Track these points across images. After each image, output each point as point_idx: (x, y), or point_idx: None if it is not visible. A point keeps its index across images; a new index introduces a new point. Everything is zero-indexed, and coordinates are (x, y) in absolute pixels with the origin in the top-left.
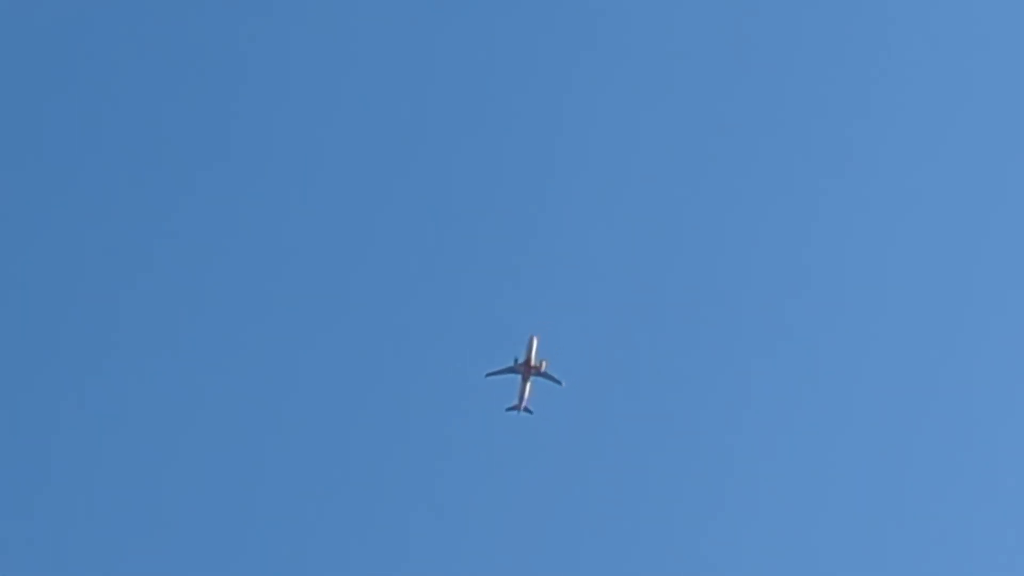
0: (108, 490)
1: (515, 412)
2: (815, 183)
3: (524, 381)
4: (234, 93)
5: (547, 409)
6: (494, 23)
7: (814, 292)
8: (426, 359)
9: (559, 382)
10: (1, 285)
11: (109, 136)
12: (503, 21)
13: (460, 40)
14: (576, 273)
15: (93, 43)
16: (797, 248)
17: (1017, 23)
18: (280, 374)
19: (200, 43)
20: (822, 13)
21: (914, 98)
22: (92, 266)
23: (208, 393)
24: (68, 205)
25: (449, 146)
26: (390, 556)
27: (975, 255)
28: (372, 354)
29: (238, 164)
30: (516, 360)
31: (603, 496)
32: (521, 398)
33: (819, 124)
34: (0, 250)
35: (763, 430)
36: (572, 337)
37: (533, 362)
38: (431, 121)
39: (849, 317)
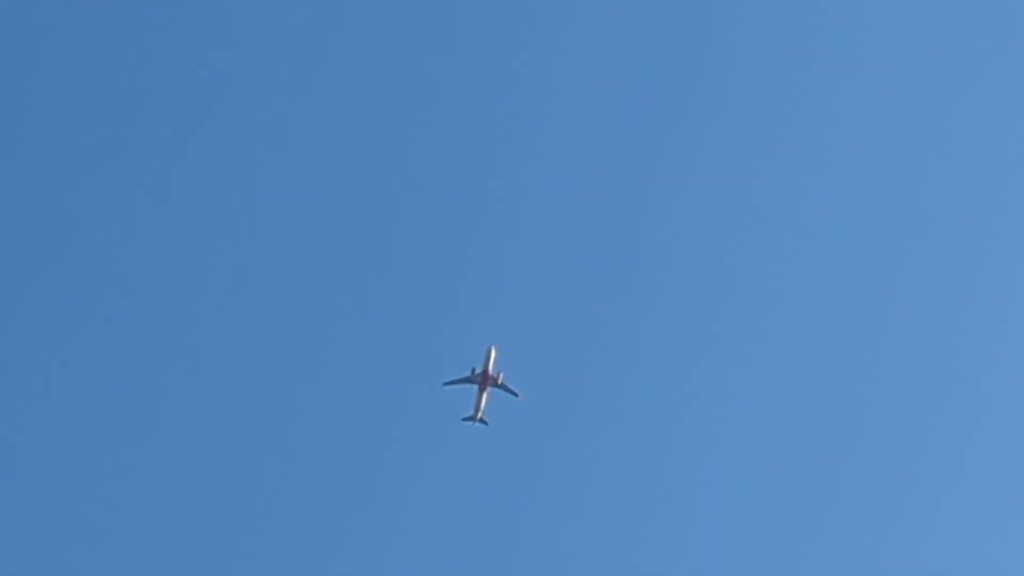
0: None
1: (471, 422)
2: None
3: (481, 392)
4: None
5: (503, 421)
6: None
7: (780, 297)
8: (384, 366)
9: (516, 394)
10: None
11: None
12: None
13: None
14: (537, 286)
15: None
16: (759, 253)
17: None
18: (237, 378)
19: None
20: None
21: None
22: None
23: (141, 401)
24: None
25: (411, 150)
26: (342, 560)
27: (959, 254)
28: (329, 360)
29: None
30: (473, 370)
31: (554, 508)
32: (477, 409)
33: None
34: None
35: (719, 439)
36: (531, 350)
37: (490, 372)
38: (391, 122)
39: (813, 322)
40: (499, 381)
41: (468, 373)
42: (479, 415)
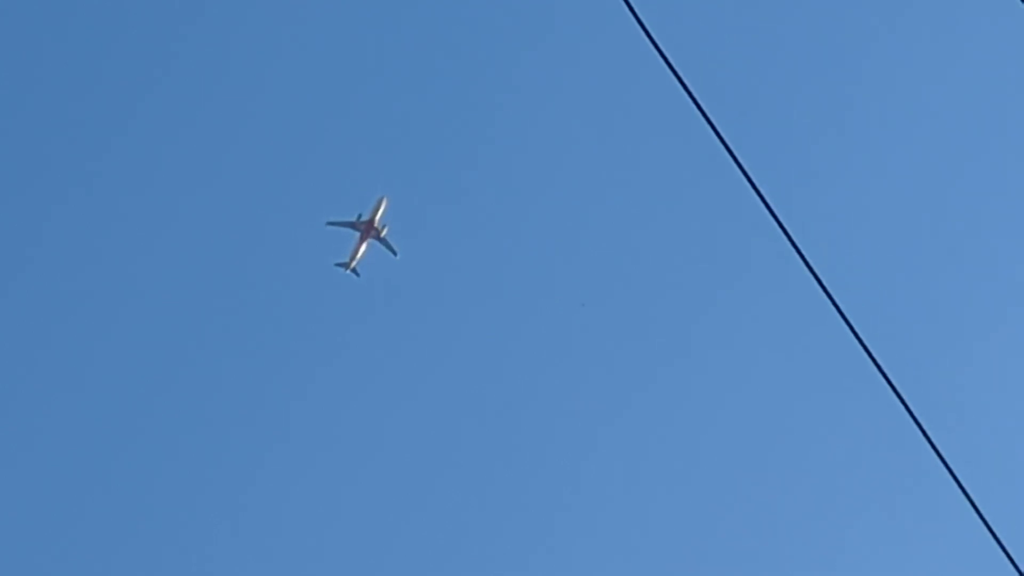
0: None
1: (343, 269)
2: None
3: (361, 241)
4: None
5: (375, 277)
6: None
7: None
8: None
9: (395, 252)
10: None
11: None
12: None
13: None
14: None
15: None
16: None
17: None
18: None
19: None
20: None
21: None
22: None
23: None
24: None
25: None
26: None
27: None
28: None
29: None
30: (359, 216)
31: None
32: (353, 257)
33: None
34: None
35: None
36: (423, 212)
37: (376, 223)
38: None
39: None
40: (382, 235)
41: (354, 218)
42: (352, 264)
